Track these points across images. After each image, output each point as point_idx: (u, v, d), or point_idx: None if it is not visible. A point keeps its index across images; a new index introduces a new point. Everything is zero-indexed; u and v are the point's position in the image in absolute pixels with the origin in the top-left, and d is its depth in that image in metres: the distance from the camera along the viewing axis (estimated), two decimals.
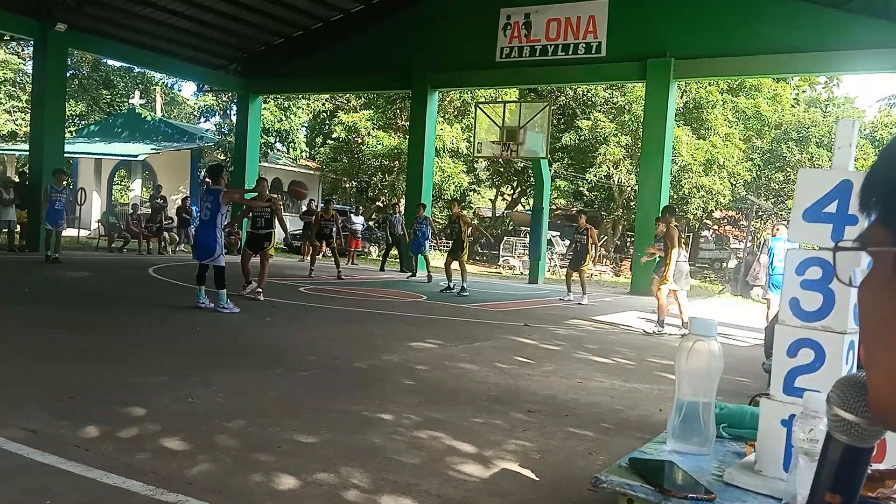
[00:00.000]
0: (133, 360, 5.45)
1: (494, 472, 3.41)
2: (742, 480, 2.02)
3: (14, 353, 5.44)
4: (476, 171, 28.85)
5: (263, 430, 3.80)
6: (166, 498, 2.82)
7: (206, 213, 8.66)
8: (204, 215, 8.68)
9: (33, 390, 4.33)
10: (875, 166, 0.67)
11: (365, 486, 3.09)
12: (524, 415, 4.52)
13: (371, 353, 6.43)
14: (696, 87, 23.54)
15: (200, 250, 8.68)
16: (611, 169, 23.88)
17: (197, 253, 8.79)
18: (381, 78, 18.76)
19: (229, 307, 8.43)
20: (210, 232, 8.54)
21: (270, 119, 25.54)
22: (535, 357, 6.78)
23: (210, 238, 8.52)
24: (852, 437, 0.74)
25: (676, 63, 14.87)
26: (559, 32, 16.06)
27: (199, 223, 8.76)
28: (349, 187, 33.04)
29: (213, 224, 8.53)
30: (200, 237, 8.73)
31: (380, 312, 9.69)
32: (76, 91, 32.42)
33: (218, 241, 8.51)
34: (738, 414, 2.56)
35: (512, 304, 12.13)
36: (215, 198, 8.57)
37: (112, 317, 7.74)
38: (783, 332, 2.08)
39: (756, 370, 6.59)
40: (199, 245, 8.75)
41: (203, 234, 8.66)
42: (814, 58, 13.92)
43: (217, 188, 8.71)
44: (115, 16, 16.94)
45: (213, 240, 8.51)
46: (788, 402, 2.02)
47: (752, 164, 26.97)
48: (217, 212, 8.51)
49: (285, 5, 17.91)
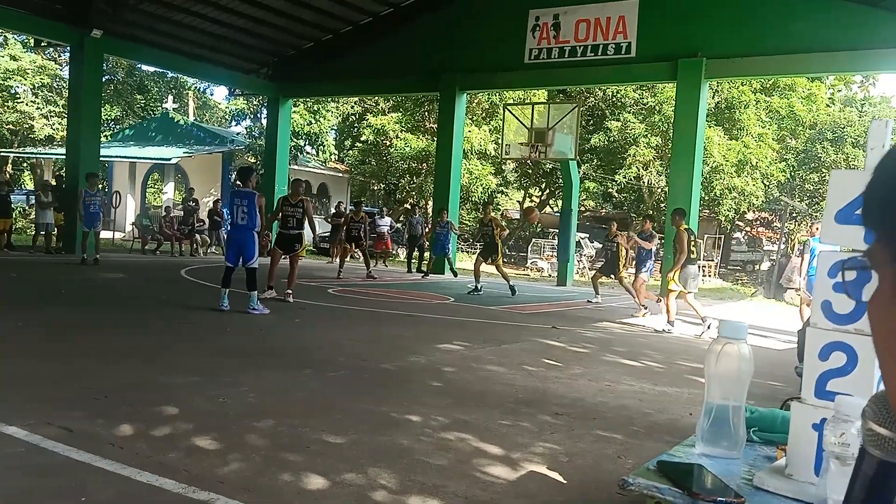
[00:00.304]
0: (165, 360, 5.54)
1: (522, 475, 3.40)
2: (772, 484, 1.99)
3: (50, 353, 5.56)
4: (504, 172, 28.82)
5: (293, 430, 3.84)
6: (198, 496, 2.86)
7: (242, 216, 8.56)
8: (241, 219, 8.57)
9: (69, 389, 4.42)
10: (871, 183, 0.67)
11: (392, 487, 3.10)
12: (552, 417, 4.51)
13: (398, 354, 6.46)
14: (728, 87, 23.26)
15: (235, 253, 8.65)
16: (640, 170, 23.70)
17: (231, 255, 8.73)
18: (410, 80, 18.84)
19: (259, 308, 8.49)
20: (248, 235, 8.56)
21: (300, 122, 25.76)
22: (563, 359, 6.75)
23: (248, 241, 8.55)
24: (886, 451, 0.73)
25: (708, 63, 14.71)
26: (588, 33, 15.97)
27: (234, 226, 8.68)
28: (377, 190, 33.20)
29: (251, 226, 8.54)
30: (237, 240, 8.67)
31: (407, 314, 9.72)
32: (111, 96, 32.99)
33: (256, 245, 8.56)
34: (769, 417, 2.53)
35: (540, 306, 12.08)
36: (251, 201, 8.54)
37: (145, 317, 7.87)
38: (815, 335, 2.05)
39: (789, 374, 6.50)
40: (233, 247, 8.72)
41: (240, 237, 8.63)
42: (849, 56, 13.66)
43: (249, 191, 8.69)
44: (149, 22, 17.24)
45: (251, 243, 8.54)
46: (820, 406, 1.99)
47: (786, 165, 26.57)
48: (254, 215, 8.51)
49: (315, 10, 18.07)
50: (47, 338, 6.20)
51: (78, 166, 16.01)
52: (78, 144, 16.07)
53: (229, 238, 9.12)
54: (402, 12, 18.56)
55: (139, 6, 16.43)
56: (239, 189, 8.91)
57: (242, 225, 8.57)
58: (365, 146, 28.85)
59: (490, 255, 13.03)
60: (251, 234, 8.55)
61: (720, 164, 22.46)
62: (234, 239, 8.77)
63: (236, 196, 8.75)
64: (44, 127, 28.64)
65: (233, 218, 8.71)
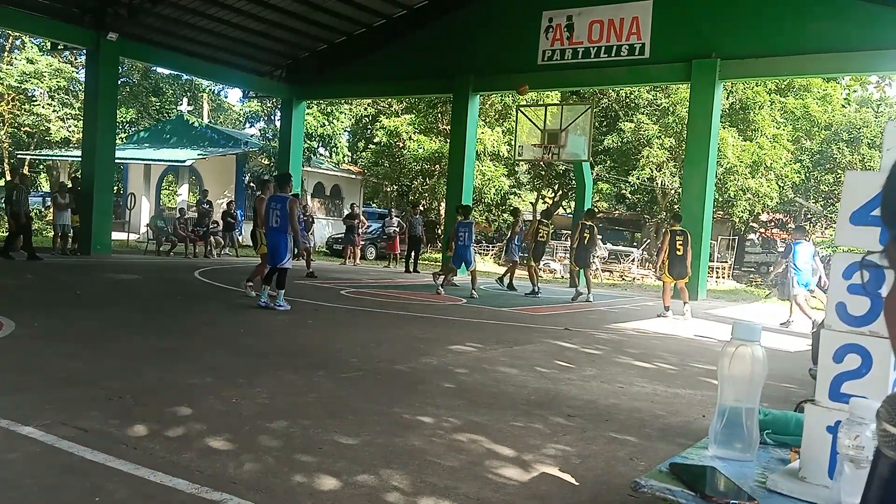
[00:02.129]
0: (180, 361, 5.57)
1: (534, 476, 3.40)
2: (786, 487, 1.98)
3: (64, 353, 5.61)
4: (517, 174, 28.79)
5: (305, 431, 3.85)
6: (211, 496, 2.88)
7: (276, 219, 9.01)
8: (274, 222, 9.02)
9: (84, 390, 4.46)
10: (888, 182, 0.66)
11: (405, 489, 3.11)
12: (564, 419, 4.50)
13: (411, 355, 6.47)
14: (742, 88, 23.13)
15: (274, 255, 9.06)
16: (654, 171, 23.61)
17: (272, 257, 9.13)
18: (423, 82, 18.87)
19: (284, 305, 8.91)
20: (281, 237, 8.98)
21: (313, 124, 25.87)
22: (576, 361, 6.74)
23: (281, 243, 8.98)
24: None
25: (722, 63, 14.63)
26: (602, 34, 15.94)
27: (271, 229, 9.09)
28: (390, 191, 33.25)
29: (283, 229, 8.96)
30: (275, 242, 9.06)
31: (420, 315, 9.73)
32: (127, 98, 33.25)
33: (288, 247, 9.00)
34: (783, 420, 2.51)
35: (552, 307, 12.06)
36: (284, 205, 8.99)
37: (159, 319, 7.92)
38: (829, 337, 2.03)
39: (803, 376, 6.45)
40: (272, 250, 9.10)
41: (274, 240, 9.05)
42: (865, 57, 13.54)
43: (284, 195, 9.13)
44: (164, 25, 17.37)
45: (283, 245, 8.98)
46: (834, 408, 1.97)
47: (801, 166, 26.38)
48: (286, 218, 8.93)
49: (329, 12, 18.14)
50: (62, 338, 6.25)
51: (94, 168, 16.17)
52: (94, 146, 16.21)
53: (267, 240, 9.46)
54: (416, 14, 18.60)
55: (154, 10, 16.55)
56: (275, 194, 9.34)
57: (276, 227, 9.03)
58: (378, 148, 28.92)
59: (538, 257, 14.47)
60: (284, 236, 8.99)
61: (734, 165, 22.34)
62: (270, 241, 9.18)
63: (273, 200, 9.19)
64: (60, 129, 28.91)
65: (268, 221, 9.13)
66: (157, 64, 23.88)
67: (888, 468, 0.75)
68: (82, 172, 17.26)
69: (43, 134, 30.07)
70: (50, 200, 19.85)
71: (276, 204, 9.11)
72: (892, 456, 0.74)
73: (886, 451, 0.74)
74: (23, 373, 4.82)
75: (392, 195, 33.35)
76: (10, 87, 27.77)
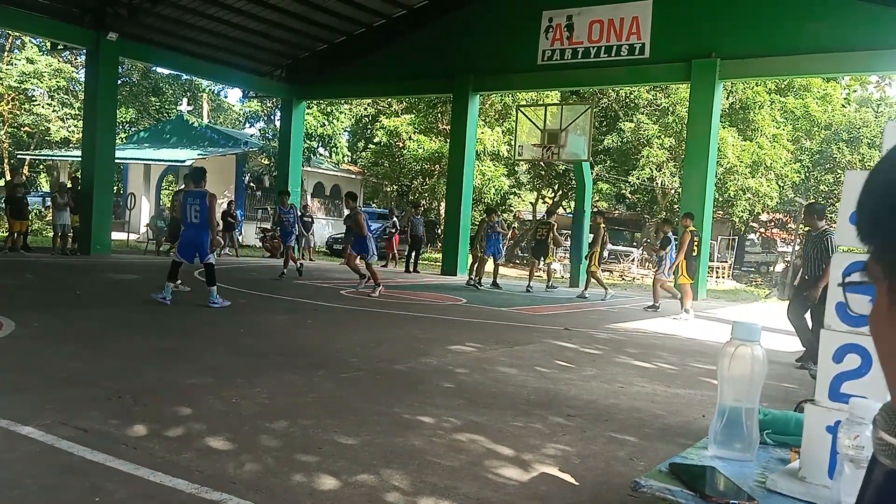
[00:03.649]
0: (180, 361, 5.57)
1: (534, 476, 3.40)
2: (785, 487, 1.98)
3: (64, 353, 5.61)
4: (517, 174, 28.78)
5: (305, 431, 3.85)
6: (211, 496, 2.88)
7: (194, 215, 8.88)
8: (193, 218, 8.89)
9: (84, 390, 4.46)
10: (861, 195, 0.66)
11: (404, 488, 3.11)
12: (564, 419, 4.50)
13: (411, 355, 6.47)
14: (742, 88, 23.12)
15: (190, 250, 8.98)
16: (654, 171, 23.61)
17: (185, 253, 9.04)
18: (423, 82, 18.87)
19: (219, 302, 8.81)
20: (202, 233, 8.89)
21: (313, 124, 25.84)
22: (576, 361, 6.74)
23: (201, 239, 8.89)
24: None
25: (722, 63, 14.63)
26: (602, 34, 15.93)
27: (189, 225, 8.97)
28: (390, 191, 33.25)
29: (203, 225, 8.88)
30: (191, 238, 8.97)
31: (420, 315, 9.73)
32: (127, 98, 33.23)
33: (207, 242, 8.92)
34: (783, 420, 2.51)
35: (552, 307, 12.06)
36: (203, 200, 8.88)
37: (159, 318, 7.92)
38: (829, 337, 2.03)
39: (803, 376, 6.46)
40: (188, 245, 9.01)
41: (194, 235, 8.94)
42: (865, 56, 13.53)
43: (202, 191, 9.00)
44: (164, 25, 17.36)
45: (203, 240, 8.89)
46: (834, 408, 1.97)
47: (801, 166, 26.39)
48: (206, 213, 8.84)
49: (329, 12, 18.14)
50: (62, 338, 6.25)
51: (94, 168, 16.16)
52: (94, 146, 16.20)
53: (183, 236, 9.32)
54: (416, 14, 18.59)
55: (154, 10, 16.55)
56: (190, 189, 9.22)
57: (195, 223, 8.90)
58: (378, 148, 28.91)
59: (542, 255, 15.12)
60: (205, 232, 8.89)
61: (734, 164, 22.33)
62: (188, 237, 9.05)
63: (189, 196, 9.05)
64: (60, 129, 28.92)
65: (186, 217, 8.97)
66: (157, 64, 23.87)
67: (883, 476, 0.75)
68: (82, 172, 17.25)
69: (43, 134, 30.07)
70: (49, 200, 19.82)
71: (193, 199, 8.94)
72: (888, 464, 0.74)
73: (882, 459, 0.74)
74: (23, 373, 4.82)
75: (392, 195, 33.34)
76: (10, 87, 27.77)
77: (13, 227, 15.63)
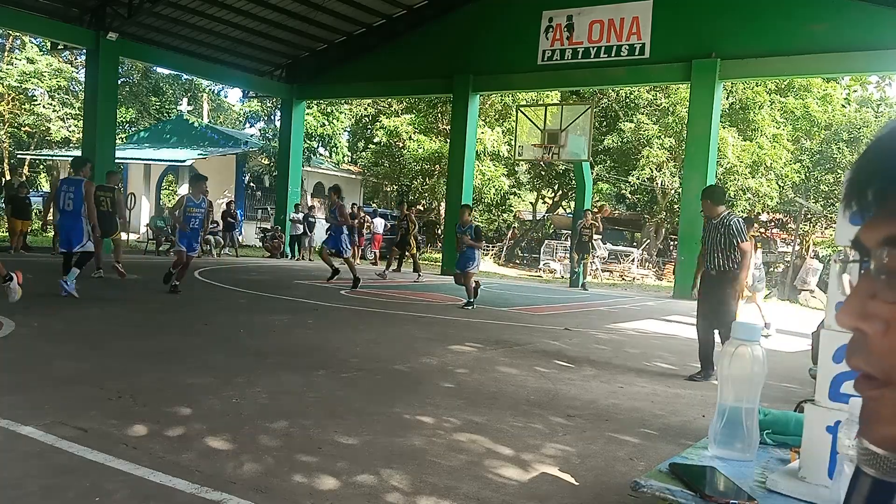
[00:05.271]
0: (180, 361, 5.57)
1: (533, 476, 3.40)
2: (785, 487, 1.98)
3: (64, 353, 5.60)
4: (517, 174, 28.78)
5: (305, 430, 3.85)
6: (210, 496, 2.88)
7: (68, 203, 8.84)
8: (66, 205, 8.85)
9: (84, 389, 4.46)
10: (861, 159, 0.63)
11: (404, 488, 3.11)
12: (564, 419, 4.50)
13: (411, 355, 6.47)
14: (742, 88, 23.11)
15: (69, 239, 8.92)
16: (654, 171, 23.59)
17: (65, 243, 8.99)
18: (423, 82, 18.87)
19: (71, 287, 8.61)
20: (77, 222, 8.86)
21: (313, 124, 25.84)
22: (576, 361, 6.73)
23: (78, 227, 8.86)
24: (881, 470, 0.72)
25: (722, 63, 14.63)
26: (602, 34, 15.93)
27: (64, 213, 8.89)
28: (390, 191, 33.24)
29: (78, 214, 8.85)
30: (68, 227, 8.91)
31: (420, 315, 9.72)
32: (127, 98, 33.24)
33: (85, 230, 8.90)
34: (783, 420, 2.51)
35: (552, 308, 12.06)
36: (78, 188, 8.87)
37: (159, 318, 7.92)
38: (829, 337, 2.03)
39: (803, 376, 6.45)
40: (66, 234, 8.96)
41: (71, 224, 8.90)
42: (865, 57, 13.53)
43: (79, 178, 8.99)
44: (164, 25, 17.37)
45: (80, 229, 8.87)
46: (834, 408, 1.97)
47: (801, 166, 26.36)
48: (81, 202, 8.82)
49: (329, 12, 18.14)
50: (62, 338, 6.25)
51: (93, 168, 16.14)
52: (94, 146, 16.20)
53: (61, 225, 9.26)
54: (415, 14, 18.60)
55: (154, 9, 16.55)
56: (70, 177, 9.19)
57: (70, 211, 8.87)
58: (378, 148, 28.90)
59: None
60: (80, 221, 8.85)
61: (734, 165, 22.31)
62: (64, 227, 9.02)
63: (65, 183, 9.05)
64: (60, 129, 28.91)
65: (60, 205, 8.92)
66: (156, 64, 23.87)
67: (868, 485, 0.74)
68: None
69: (43, 134, 30.07)
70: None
71: (68, 187, 8.93)
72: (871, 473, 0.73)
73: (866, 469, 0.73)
74: (23, 373, 4.82)
75: (392, 195, 33.33)
76: (10, 86, 27.76)
77: (16, 226, 15.63)
